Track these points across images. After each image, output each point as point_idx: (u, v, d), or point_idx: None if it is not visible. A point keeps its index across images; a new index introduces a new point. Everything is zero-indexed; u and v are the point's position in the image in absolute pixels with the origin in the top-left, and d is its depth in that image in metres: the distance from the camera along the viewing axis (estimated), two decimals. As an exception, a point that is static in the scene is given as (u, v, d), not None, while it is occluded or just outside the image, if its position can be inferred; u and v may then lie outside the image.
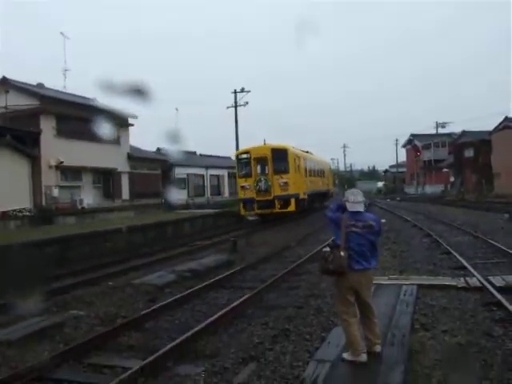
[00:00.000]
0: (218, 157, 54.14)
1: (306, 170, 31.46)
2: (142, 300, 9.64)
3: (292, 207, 26.71)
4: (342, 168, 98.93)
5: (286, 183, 26.70)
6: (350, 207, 5.20)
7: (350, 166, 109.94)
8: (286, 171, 26.90)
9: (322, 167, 40.41)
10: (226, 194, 50.88)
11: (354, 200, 5.21)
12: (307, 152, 34.42)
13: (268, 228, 25.41)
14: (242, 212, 27.81)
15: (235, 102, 36.93)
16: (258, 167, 27.55)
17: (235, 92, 37.00)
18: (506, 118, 45.30)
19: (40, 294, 9.42)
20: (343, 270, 5.01)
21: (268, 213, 27.12)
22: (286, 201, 26.66)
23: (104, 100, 33.66)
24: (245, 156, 27.78)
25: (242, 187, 27.56)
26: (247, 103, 37.06)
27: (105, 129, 31.31)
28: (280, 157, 26.99)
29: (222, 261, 13.93)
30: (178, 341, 6.45)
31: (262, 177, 26.94)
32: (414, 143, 72.15)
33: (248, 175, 27.36)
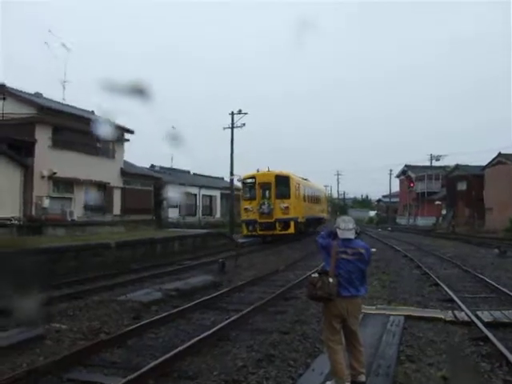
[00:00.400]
0: (212, 177, 54.23)
1: (304, 196, 33.57)
2: (127, 316, 9.54)
3: (292, 230, 28.92)
4: (335, 195, 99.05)
5: (287, 207, 28.96)
6: (341, 234, 5.20)
7: (343, 193, 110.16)
8: (287, 196, 29.22)
9: (318, 194, 42.57)
10: (218, 214, 50.83)
11: (345, 227, 5.21)
12: (305, 179, 36.56)
13: (258, 251, 25.42)
14: (245, 232, 29.98)
15: (232, 124, 37.09)
16: (262, 191, 29.61)
17: (232, 114, 37.19)
18: (500, 154, 45.78)
19: (23, 305, 9.30)
20: (331, 296, 4.98)
21: (269, 234, 29.29)
22: (286, 223, 28.93)
23: (102, 113, 34.03)
24: (250, 181, 30.16)
25: (246, 209, 29.81)
26: (244, 125, 37.23)
27: (101, 143, 31.46)
28: (283, 183, 29.41)
29: (209, 281, 13.86)
30: (160, 359, 6.36)
31: (265, 200, 29.20)
32: (408, 174, 72.71)
33: (252, 198, 29.59)
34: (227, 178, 43.09)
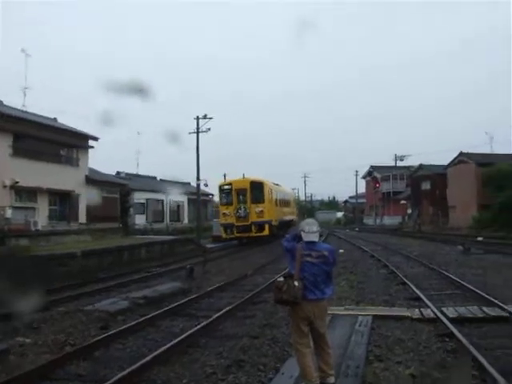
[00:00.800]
0: (179, 182, 53.92)
1: (276, 201, 35.85)
2: (94, 327, 9.36)
3: (266, 232, 31.10)
4: (302, 197, 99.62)
5: (261, 211, 31.25)
6: (305, 237, 5.21)
7: (311, 195, 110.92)
8: (261, 201, 31.56)
9: (288, 198, 45.03)
10: (186, 220, 50.54)
11: (309, 230, 5.22)
12: (277, 184, 39.00)
13: (227, 256, 25.40)
14: (223, 235, 32.02)
15: (197, 129, 36.92)
16: (238, 197, 31.69)
17: (197, 118, 37.02)
18: (461, 153, 46.83)
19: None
20: (297, 299, 4.98)
21: (246, 236, 31.48)
22: (261, 226, 31.09)
23: (65, 120, 33.50)
24: (227, 187, 32.40)
25: (224, 214, 31.91)
26: (209, 129, 37.10)
27: (64, 150, 30.94)
28: (257, 188, 31.73)
29: (177, 288, 13.75)
30: (128, 370, 6.27)
31: (241, 205, 31.34)
32: (374, 175, 73.72)
33: (229, 203, 31.73)
34: (194, 183, 42.88)
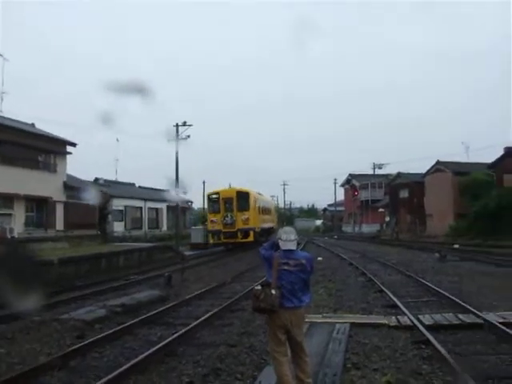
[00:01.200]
0: (158, 189, 53.59)
1: (259, 209, 38.00)
2: (70, 336, 9.23)
3: (251, 238, 33.20)
4: (281, 205, 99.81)
5: (247, 219, 33.58)
6: (283, 245, 5.23)
7: (290, 203, 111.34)
8: (247, 209, 33.88)
9: (269, 206, 47.44)
10: (165, 227, 50.24)
11: (287, 238, 5.24)
12: (260, 194, 41.56)
13: (205, 263, 25.34)
14: (211, 240, 34.71)
15: (176, 136, 36.82)
16: (225, 205, 33.88)
17: (177, 125, 36.94)
18: (438, 162, 47.45)
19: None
20: (274, 308, 4.99)
21: (232, 242, 33.70)
22: (246, 232, 33.35)
23: (43, 126, 33.12)
24: (215, 196, 34.72)
25: (212, 221, 34.21)
26: (189, 137, 37.04)
27: (41, 156, 30.60)
28: (243, 198, 34.04)
29: (155, 296, 13.63)
30: (104, 379, 6.19)
31: (228, 213, 33.50)
32: (352, 183, 74.30)
33: (217, 211, 34.00)
34: (173, 190, 42.68)
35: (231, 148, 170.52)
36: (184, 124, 37.24)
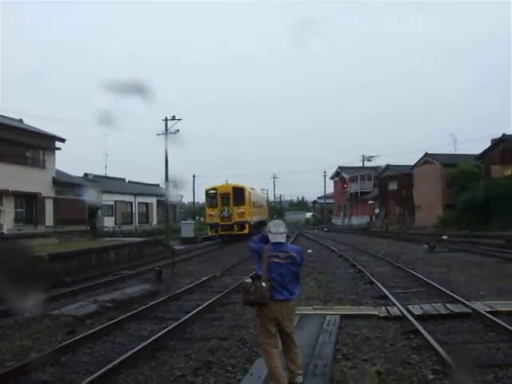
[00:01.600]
0: (148, 184, 53.46)
1: (253, 203, 40.60)
2: (60, 332, 9.20)
3: (246, 230, 35.67)
4: (271, 198, 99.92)
5: (242, 212, 36.29)
6: (272, 238, 5.24)
7: (280, 196, 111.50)
8: (242, 204, 36.67)
9: (261, 200, 50.47)
10: (155, 222, 50.15)
11: (276, 231, 5.26)
12: (253, 189, 44.16)
13: (195, 257, 25.36)
14: (209, 233, 38.19)
15: (166, 130, 36.72)
16: (222, 200, 36.50)
17: (166, 120, 36.84)
18: (426, 154, 47.68)
19: None
20: (264, 300, 5.01)
21: (228, 234, 36.43)
22: (242, 225, 36.09)
23: (32, 122, 32.85)
24: (212, 192, 37.33)
25: (210, 215, 37.10)
26: (178, 131, 37.00)
27: (30, 151, 30.36)
28: (239, 193, 36.85)
29: (146, 291, 13.62)
30: (95, 375, 6.18)
31: (225, 207, 36.23)
32: (342, 175, 74.44)
33: (214, 206, 36.79)
34: (163, 185, 42.72)
35: (221, 142, 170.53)
36: (173, 118, 37.18)
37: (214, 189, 37.64)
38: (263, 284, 5.00)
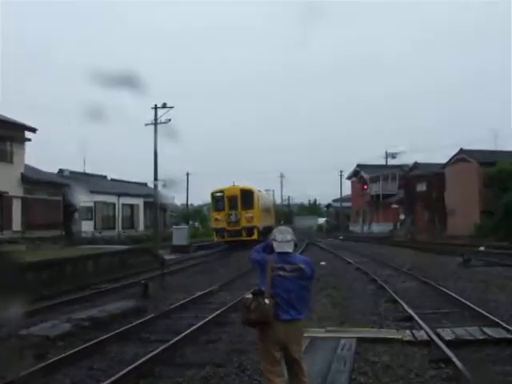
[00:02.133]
0: (133, 183, 53.56)
1: (261, 207, 42.34)
2: (29, 355, 9.19)
3: (255, 236, 37.21)
4: (278, 200, 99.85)
5: (251, 217, 38.35)
6: (278, 247, 5.19)
7: (288, 198, 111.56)
8: (251, 207, 38.80)
9: (268, 203, 52.53)
10: (141, 227, 50.21)
11: (282, 239, 5.21)
12: (260, 191, 46.45)
13: (189, 269, 25.42)
14: (215, 238, 40.49)
15: (155, 119, 36.76)
16: (230, 203, 38.61)
17: (155, 107, 36.87)
18: (461, 151, 47.50)
19: None
20: (268, 320, 4.96)
21: (236, 240, 37.90)
22: (250, 230, 38.00)
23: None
24: (219, 194, 39.53)
25: (216, 219, 39.24)
26: (170, 120, 37.00)
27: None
28: (247, 196, 38.99)
29: (130, 307, 13.60)
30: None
31: (232, 211, 38.33)
32: (361, 175, 74.31)
33: (221, 209, 38.94)
34: (151, 184, 42.77)
35: (218, 135, 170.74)
36: (164, 106, 37.22)
37: (221, 191, 39.74)
38: (266, 301, 4.95)
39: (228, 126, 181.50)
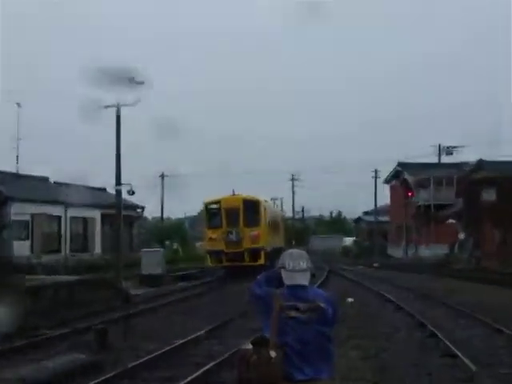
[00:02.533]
0: (87, 188, 53.57)
1: (269, 223, 44.45)
2: None
3: (262, 260, 38.72)
4: (288, 213, 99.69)
5: (256, 236, 39.57)
6: (288, 278, 5.08)
7: (302, 210, 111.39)
8: (257, 223, 40.22)
9: (276, 218, 53.74)
10: (98, 249, 50.18)
11: (294, 267, 5.10)
12: (266, 201, 48.47)
13: (165, 307, 25.41)
14: (209, 263, 41.21)
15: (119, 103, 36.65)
16: (228, 218, 39.91)
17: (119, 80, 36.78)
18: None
19: None
20: (274, 381, 4.90)
21: (237, 265, 38.80)
22: (256, 253, 39.16)
23: None
24: (214, 206, 41.10)
25: (210, 239, 40.42)
26: (139, 101, 36.90)
27: None
28: (251, 208, 40.59)
29: (80, 363, 13.55)
30: None
31: (232, 228, 39.51)
32: (404, 177, 74.02)
33: (217, 226, 40.19)
34: (112, 190, 42.75)
35: (206, 119, 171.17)
36: (131, 81, 37.07)
37: (217, 202, 41.35)
38: (272, 353, 4.89)
39: (219, 115, 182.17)
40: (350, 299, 25.07)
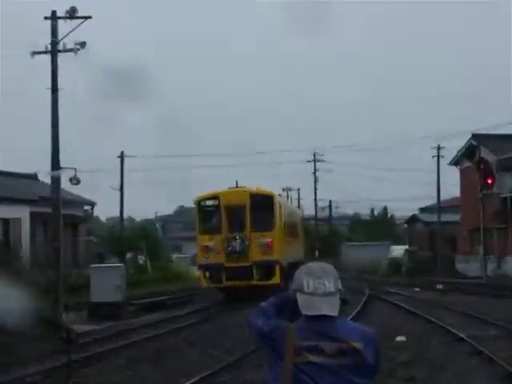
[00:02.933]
0: (10, 174, 53.71)
1: (286, 226, 44.35)
2: None
3: (277, 279, 39.94)
4: (308, 211, 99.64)
5: (269, 245, 40.52)
6: (307, 306, 5.02)
7: (329, 206, 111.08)
8: (270, 227, 41.38)
9: (296, 219, 54.01)
10: (26, 264, 50.29)
11: (316, 289, 4.98)
12: (280, 195, 49.77)
13: (125, 351, 25.42)
14: (204, 283, 41.81)
15: (53, 43, 36.72)
16: (230, 220, 39.90)
17: (53, 17, 36.81)
18: None
19: None
20: None
21: (243, 285, 39.62)
22: (268, 269, 40.52)
23: None
24: (211, 203, 42.36)
25: (205, 248, 41.21)
26: (84, 45, 36.90)
27: None
28: (262, 206, 41.91)
29: None
30: None
31: (235, 234, 40.39)
32: (479, 156, 73.29)
33: (214, 231, 41.48)
34: (47, 178, 42.87)
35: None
36: (71, 15, 37.01)
37: (214, 197, 42.06)
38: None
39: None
40: (400, 337, 25.15)
